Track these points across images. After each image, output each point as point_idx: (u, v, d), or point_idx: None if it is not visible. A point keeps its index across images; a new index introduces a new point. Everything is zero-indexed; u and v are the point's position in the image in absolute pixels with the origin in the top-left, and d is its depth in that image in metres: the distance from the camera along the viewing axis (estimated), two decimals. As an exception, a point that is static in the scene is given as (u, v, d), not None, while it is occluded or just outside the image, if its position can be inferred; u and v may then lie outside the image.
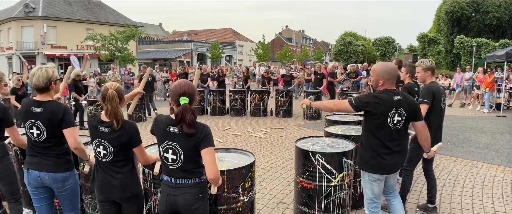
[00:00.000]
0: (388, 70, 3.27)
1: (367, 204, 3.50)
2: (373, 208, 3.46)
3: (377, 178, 3.36)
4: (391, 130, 3.23)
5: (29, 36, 35.82)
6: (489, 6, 43.76)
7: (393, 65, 3.44)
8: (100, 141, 2.78)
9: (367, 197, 3.48)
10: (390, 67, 3.32)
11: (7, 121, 3.50)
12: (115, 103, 2.71)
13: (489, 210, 4.83)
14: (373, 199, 3.45)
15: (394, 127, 3.24)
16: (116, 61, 31.17)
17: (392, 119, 3.21)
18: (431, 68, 4.40)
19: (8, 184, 3.64)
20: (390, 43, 50.65)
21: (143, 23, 49.77)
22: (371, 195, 3.43)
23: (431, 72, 4.41)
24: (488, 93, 14.34)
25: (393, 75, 3.29)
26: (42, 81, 3.08)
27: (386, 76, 3.25)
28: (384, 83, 3.27)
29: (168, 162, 2.58)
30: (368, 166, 3.35)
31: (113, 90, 2.74)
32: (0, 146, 3.60)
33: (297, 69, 21.98)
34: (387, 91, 3.25)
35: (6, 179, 3.62)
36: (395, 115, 3.22)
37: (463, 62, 38.19)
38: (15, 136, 3.49)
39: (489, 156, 7.55)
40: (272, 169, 6.62)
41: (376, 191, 3.41)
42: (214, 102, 13.46)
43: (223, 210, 3.22)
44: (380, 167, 3.31)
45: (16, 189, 3.72)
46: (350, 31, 64.56)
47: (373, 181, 3.38)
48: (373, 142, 3.28)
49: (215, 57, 46.23)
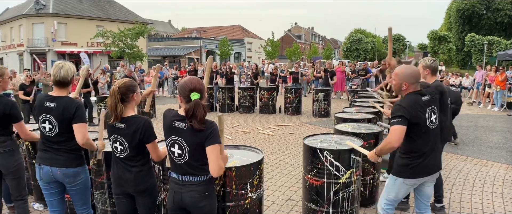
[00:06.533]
0: (412, 74, 3.17)
1: (383, 204, 3.37)
2: (389, 210, 3.36)
3: (413, 183, 3.25)
4: (430, 130, 3.16)
5: (40, 33, 36.16)
6: (500, 3, 43.24)
7: (416, 68, 3.37)
8: (116, 137, 2.84)
9: (388, 198, 3.34)
10: (414, 70, 3.23)
11: (15, 117, 3.53)
12: (114, 98, 2.76)
13: (499, 210, 4.78)
14: (393, 201, 3.34)
15: (433, 127, 3.18)
16: (125, 58, 31.35)
17: (430, 119, 3.15)
18: (431, 67, 4.26)
19: (17, 179, 3.67)
20: (400, 41, 50.34)
21: (153, 20, 49.84)
22: (394, 198, 3.32)
23: (431, 71, 4.27)
24: (500, 91, 14.18)
25: (417, 78, 3.20)
26: (70, 74, 3.18)
27: (410, 80, 3.16)
28: (408, 87, 3.18)
29: (175, 156, 2.59)
30: (409, 172, 3.19)
31: (116, 86, 2.80)
32: (10, 141, 3.64)
33: (306, 66, 21.89)
34: (414, 94, 3.16)
35: (16, 174, 3.65)
36: (431, 115, 3.17)
37: (474, 60, 37.83)
38: (23, 131, 3.53)
39: (500, 155, 7.48)
40: (280, 166, 6.63)
41: (401, 195, 3.32)
42: (223, 99, 13.49)
43: (231, 207, 3.22)
44: (422, 171, 3.19)
45: (23, 185, 3.75)
46: (359, 28, 64.31)
47: (408, 185, 3.26)
48: (413, 146, 3.15)
49: (224, 54, 46.27)
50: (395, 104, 3.20)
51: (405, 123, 3.02)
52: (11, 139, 3.66)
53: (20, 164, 3.71)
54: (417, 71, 3.25)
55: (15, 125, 3.56)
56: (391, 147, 3.10)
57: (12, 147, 3.64)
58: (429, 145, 3.17)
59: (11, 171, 3.63)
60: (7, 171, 3.63)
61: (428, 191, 3.41)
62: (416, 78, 3.19)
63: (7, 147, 3.60)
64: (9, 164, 3.61)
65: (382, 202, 3.38)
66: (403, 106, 3.07)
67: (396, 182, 3.26)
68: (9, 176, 3.65)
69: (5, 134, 3.61)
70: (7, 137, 3.62)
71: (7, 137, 3.63)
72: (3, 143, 3.59)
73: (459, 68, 38.43)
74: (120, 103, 2.78)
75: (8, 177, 3.66)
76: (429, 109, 3.16)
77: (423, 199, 3.44)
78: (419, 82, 3.24)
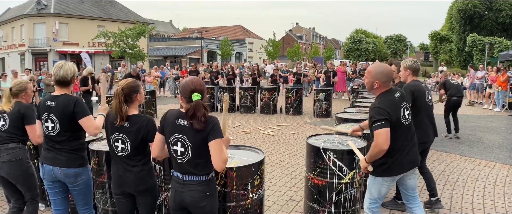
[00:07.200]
0: (384, 72, 3.20)
1: (368, 204, 3.40)
2: (375, 208, 3.39)
3: (391, 179, 3.28)
4: (404, 126, 3.18)
5: (41, 33, 36.18)
6: (502, 4, 43.17)
7: (389, 66, 3.39)
8: (119, 135, 2.85)
9: (371, 197, 3.37)
10: (386, 68, 3.26)
11: (30, 118, 3.54)
12: (118, 100, 2.79)
13: (500, 211, 4.77)
14: (377, 199, 3.37)
15: (406, 123, 3.21)
16: (127, 58, 31.39)
17: (404, 116, 3.18)
18: (412, 67, 4.39)
19: (27, 186, 3.65)
20: (401, 41, 50.30)
21: (154, 20, 49.96)
22: (377, 196, 3.34)
23: (412, 72, 4.40)
24: (501, 92, 14.16)
25: (389, 76, 3.23)
26: (70, 74, 3.20)
27: (382, 79, 3.18)
28: (380, 86, 3.20)
29: (177, 155, 2.59)
30: (385, 170, 3.22)
31: (119, 88, 2.83)
32: (19, 149, 3.63)
33: (307, 66, 21.89)
34: (388, 93, 3.19)
35: (25, 183, 3.63)
36: (404, 111, 3.20)
37: (476, 60, 37.77)
38: (33, 135, 3.51)
39: (501, 155, 7.47)
40: (281, 166, 6.63)
41: (383, 192, 3.35)
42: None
43: (232, 207, 3.22)
44: (397, 167, 3.21)
45: (34, 190, 3.73)
46: (361, 28, 64.26)
47: (387, 182, 3.29)
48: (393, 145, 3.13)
49: (225, 54, 46.26)
50: (373, 107, 3.18)
51: (388, 125, 3.04)
52: (20, 147, 3.65)
53: (27, 172, 3.65)
54: (389, 70, 3.27)
55: (27, 127, 3.56)
56: (379, 150, 3.06)
57: (20, 156, 3.62)
58: (403, 142, 3.19)
59: (19, 181, 3.62)
60: (16, 181, 3.61)
61: (411, 183, 3.46)
62: (388, 77, 3.22)
63: (15, 156, 3.58)
64: (16, 173, 3.59)
65: (367, 201, 3.42)
66: (383, 108, 3.08)
67: (375, 181, 3.32)
68: (18, 184, 3.65)
69: (16, 141, 3.62)
70: (18, 144, 3.62)
71: (18, 144, 3.63)
72: (11, 150, 3.58)
73: (460, 68, 38.36)
74: (125, 104, 2.81)
75: (18, 183, 3.64)
76: (402, 105, 3.19)
77: (407, 191, 3.50)
78: (391, 81, 3.26)
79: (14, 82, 3.85)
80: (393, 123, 3.08)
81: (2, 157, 3.55)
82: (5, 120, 3.63)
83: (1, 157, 3.55)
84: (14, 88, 3.73)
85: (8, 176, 3.58)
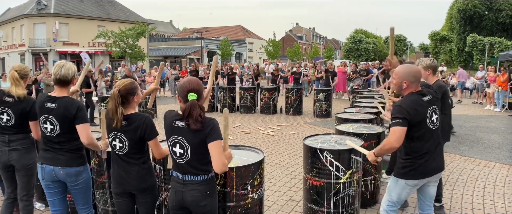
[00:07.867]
0: (412, 73, 3.14)
1: (385, 206, 3.34)
2: (392, 212, 3.33)
3: (415, 183, 3.22)
4: (431, 131, 3.13)
5: (41, 33, 36.21)
6: (502, 4, 43.21)
7: (417, 67, 3.34)
8: (116, 134, 2.84)
9: (391, 199, 3.31)
10: (413, 69, 3.21)
11: (34, 115, 3.52)
12: (114, 102, 2.75)
13: (500, 211, 4.78)
14: (395, 203, 3.31)
15: (434, 127, 3.14)
16: (127, 58, 31.39)
17: (431, 119, 3.12)
18: (431, 66, 4.26)
19: (29, 176, 3.68)
20: (401, 41, 50.40)
21: (154, 20, 49.97)
22: (396, 199, 3.28)
23: (432, 71, 4.27)
24: (501, 92, 14.15)
25: (418, 77, 3.16)
26: (71, 73, 3.19)
27: (411, 79, 3.12)
28: (408, 86, 3.14)
29: (176, 156, 2.60)
30: (410, 172, 3.16)
31: (116, 90, 2.79)
32: (28, 139, 3.68)
33: (307, 66, 21.88)
34: (415, 94, 3.13)
35: (29, 171, 3.66)
36: (432, 115, 3.13)
37: (476, 61, 37.81)
38: (37, 132, 3.52)
39: (501, 156, 7.47)
40: (281, 166, 6.63)
41: (403, 196, 3.28)
42: (224, 99, 13.49)
43: (232, 207, 3.22)
44: (423, 171, 3.15)
45: (32, 184, 3.76)
46: (361, 28, 64.27)
47: (410, 186, 3.22)
48: (414, 147, 3.11)
49: (225, 54, 46.26)
50: (395, 104, 3.16)
51: (405, 124, 2.99)
52: (29, 137, 3.70)
53: (35, 162, 3.69)
54: (417, 70, 3.21)
55: (31, 123, 3.57)
56: (390, 147, 3.05)
57: (29, 145, 3.69)
58: (430, 146, 3.13)
59: (27, 167, 3.64)
60: (22, 167, 3.63)
61: (431, 191, 3.37)
62: (417, 77, 3.15)
63: (25, 144, 3.65)
64: (25, 161, 3.63)
65: (385, 204, 3.35)
66: (404, 106, 3.03)
67: (398, 184, 3.23)
68: (22, 171, 3.65)
69: (24, 132, 3.65)
70: (26, 135, 3.67)
71: (26, 135, 3.67)
72: (22, 141, 3.64)
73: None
74: (121, 106, 2.77)
75: (20, 172, 3.65)
76: (430, 109, 3.12)
77: (426, 199, 3.41)
78: (419, 81, 3.20)
79: (18, 66, 3.79)
80: (415, 124, 3.03)
81: (13, 146, 3.60)
82: (10, 115, 3.60)
83: (12, 146, 3.60)
84: (20, 72, 3.66)
85: (17, 164, 3.62)
